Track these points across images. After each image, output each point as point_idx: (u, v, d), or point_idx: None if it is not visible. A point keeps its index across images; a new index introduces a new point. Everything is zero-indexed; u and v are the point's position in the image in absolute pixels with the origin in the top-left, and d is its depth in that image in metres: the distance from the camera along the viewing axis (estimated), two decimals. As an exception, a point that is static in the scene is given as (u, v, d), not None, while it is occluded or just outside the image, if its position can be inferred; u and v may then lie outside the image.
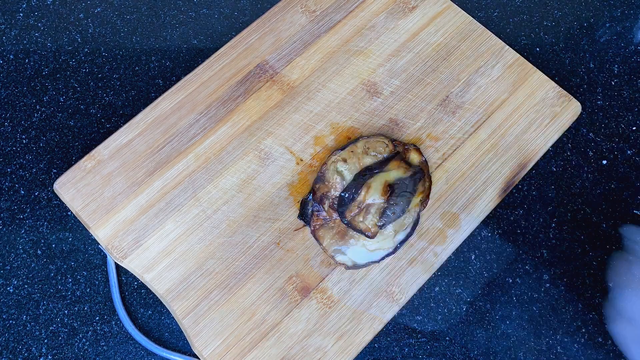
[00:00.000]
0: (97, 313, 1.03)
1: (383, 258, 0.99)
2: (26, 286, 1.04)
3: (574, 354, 1.03)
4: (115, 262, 1.02)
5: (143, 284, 1.01)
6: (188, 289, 0.97)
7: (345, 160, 1.01)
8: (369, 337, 0.97)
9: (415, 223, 1.01)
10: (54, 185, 1.01)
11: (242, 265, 0.99)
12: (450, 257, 1.06)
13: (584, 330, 1.04)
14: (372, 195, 0.98)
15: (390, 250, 0.99)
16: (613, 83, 1.18)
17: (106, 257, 1.04)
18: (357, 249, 0.99)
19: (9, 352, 1.00)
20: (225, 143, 1.05)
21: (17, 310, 1.02)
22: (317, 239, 1.00)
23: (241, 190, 1.03)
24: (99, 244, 1.01)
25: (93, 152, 1.03)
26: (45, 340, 1.01)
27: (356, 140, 1.03)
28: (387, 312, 0.98)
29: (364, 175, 1.00)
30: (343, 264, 0.99)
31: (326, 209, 1.00)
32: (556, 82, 1.16)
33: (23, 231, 1.06)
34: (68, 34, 1.19)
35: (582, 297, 1.06)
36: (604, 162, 1.13)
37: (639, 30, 1.23)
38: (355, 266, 0.99)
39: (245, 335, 0.95)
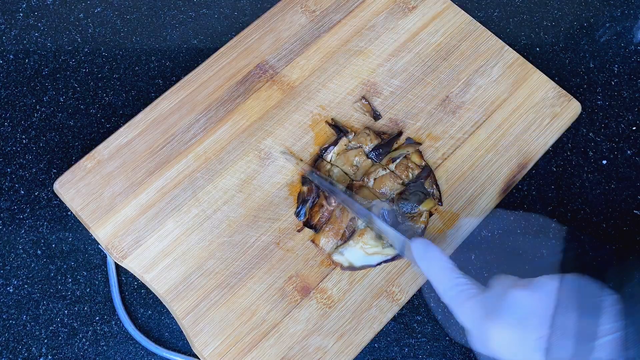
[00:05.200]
0: (97, 313, 1.03)
1: (380, 264, 0.99)
2: (26, 286, 1.04)
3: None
4: (115, 262, 1.02)
5: (143, 284, 1.01)
6: (188, 289, 0.97)
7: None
8: (369, 337, 0.97)
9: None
10: (54, 185, 1.01)
11: (242, 265, 0.99)
12: (450, 257, 1.06)
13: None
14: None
15: (389, 257, 0.99)
16: (613, 83, 1.18)
17: (106, 257, 1.04)
18: (355, 251, 0.99)
19: (9, 352, 1.00)
20: (225, 143, 1.05)
21: (17, 310, 1.02)
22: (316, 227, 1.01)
23: (241, 190, 1.03)
24: (99, 244, 1.01)
25: (93, 152, 1.03)
26: (45, 340, 1.01)
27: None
28: (387, 312, 0.98)
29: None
30: (339, 263, 0.99)
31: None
32: (556, 82, 1.16)
33: (23, 231, 1.06)
34: (68, 34, 1.19)
35: (582, 297, 1.05)
36: (604, 162, 1.13)
37: (639, 30, 1.23)
38: (351, 268, 0.99)
39: (245, 335, 0.95)
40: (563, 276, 0.78)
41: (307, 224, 1.01)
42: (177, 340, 1.01)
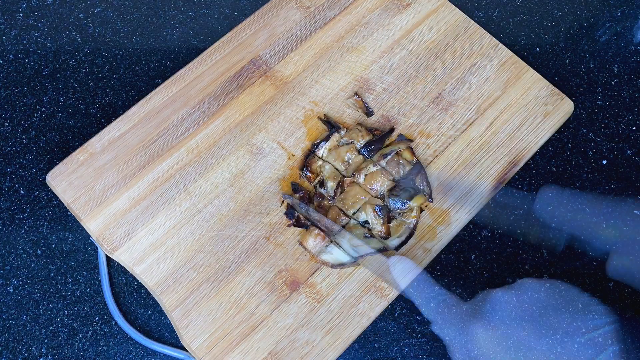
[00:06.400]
0: (97, 313, 1.03)
1: (363, 256, 0.99)
2: (26, 286, 1.04)
3: (574, 354, 1.01)
4: (109, 260, 1.03)
5: (143, 284, 1.01)
6: (177, 282, 0.97)
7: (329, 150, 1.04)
8: (357, 332, 0.96)
9: (411, 234, 1.01)
10: (47, 177, 1.02)
11: (232, 259, 0.99)
12: (450, 257, 1.05)
13: (584, 330, 1.03)
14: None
15: (373, 251, 0.99)
16: (613, 83, 1.17)
17: (97, 249, 1.04)
18: (343, 246, 0.99)
19: (9, 352, 1.01)
20: (218, 137, 1.05)
21: (17, 310, 1.03)
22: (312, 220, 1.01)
23: (232, 184, 1.03)
24: (90, 236, 1.02)
25: (86, 145, 1.04)
26: (45, 340, 1.02)
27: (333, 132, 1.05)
28: (375, 307, 0.98)
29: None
30: (328, 263, 0.99)
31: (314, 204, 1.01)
32: (556, 82, 1.16)
33: (23, 231, 1.07)
34: (68, 34, 1.20)
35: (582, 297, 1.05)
36: (604, 162, 1.12)
37: (639, 30, 1.22)
38: (341, 265, 0.99)
39: (234, 329, 0.95)
40: (544, 279, 0.79)
41: (298, 222, 1.01)
42: (177, 341, 1.01)
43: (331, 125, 1.06)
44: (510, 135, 1.07)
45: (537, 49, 1.20)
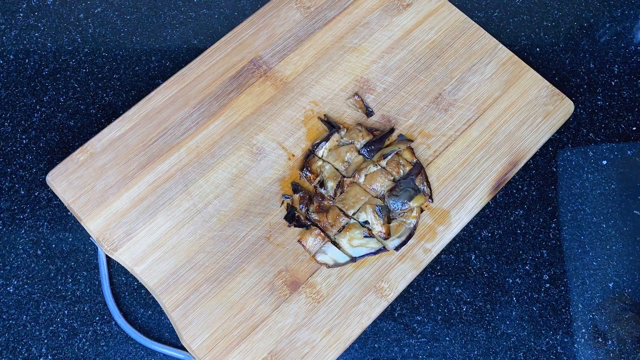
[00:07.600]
0: (97, 313, 1.03)
1: (363, 256, 0.99)
2: (26, 286, 1.04)
3: (574, 354, 1.02)
4: (109, 259, 1.03)
5: (143, 284, 1.01)
6: (178, 282, 0.97)
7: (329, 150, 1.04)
8: (357, 332, 0.96)
9: (411, 234, 1.01)
10: (47, 177, 1.02)
11: (232, 259, 0.99)
12: (450, 257, 1.05)
13: (584, 330, 1.03)
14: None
15: (372, 251, 0.99)
16: (613, 83, 1.17)
17: (97, 249, 1.04)
18: (343, 244, 0.99)
19: (9, 352, 1.01)
20: (218, 137, 1.05)
21: (17, 310, 1.03)
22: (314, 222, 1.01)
23: (232, 184, 1.03)
24: (90, 236, 1.02)
25: (86, 145, 1.04)
26: (45, 340, 1.02)
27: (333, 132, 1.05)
28: (375, 307, 0.98)
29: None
30: (324, 263, 0.99)
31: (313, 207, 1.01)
32: (556, 82, 1.16)
33: (23, 231, 1.07)
34: (68, 34, 1.20)
35: (582, 297, 1.05)
36: (604, 162, 1.12)
37: (639, 30, 1.22)
38: (337, 264, 0.99)
39: (234, 329, 0.95)
40: None
41: (298, 222, 1.01)
42: (177, 341, 1.01)
43: (331, 126, 1.05)
44: (510, 135, 1.07)
45: (537, 49, 1.20)
